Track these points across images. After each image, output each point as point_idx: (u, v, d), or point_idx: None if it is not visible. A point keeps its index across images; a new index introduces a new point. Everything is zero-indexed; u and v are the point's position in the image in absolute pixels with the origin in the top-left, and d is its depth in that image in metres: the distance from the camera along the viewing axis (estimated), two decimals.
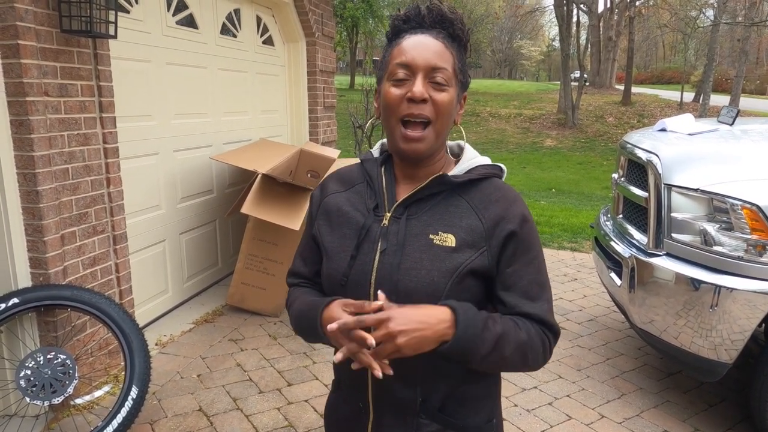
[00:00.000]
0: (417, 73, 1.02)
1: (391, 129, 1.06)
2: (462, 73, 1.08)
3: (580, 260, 5.51)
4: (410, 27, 1.07)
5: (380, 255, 1.05)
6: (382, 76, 1.09)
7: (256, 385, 3.02)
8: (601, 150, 17.03)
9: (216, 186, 4.38)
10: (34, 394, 2.39)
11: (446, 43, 1.05)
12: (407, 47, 1.04)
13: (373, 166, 1.15)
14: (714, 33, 18.37)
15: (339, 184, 1.19)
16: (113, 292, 3.05)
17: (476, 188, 1.09)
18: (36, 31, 2.46)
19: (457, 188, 1.08)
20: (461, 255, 1.03)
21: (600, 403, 2.94)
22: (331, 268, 1.10)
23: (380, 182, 1.12)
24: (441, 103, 1.03)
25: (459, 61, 1.07)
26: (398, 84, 1.04)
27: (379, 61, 1.13)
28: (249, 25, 4.75)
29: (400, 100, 1.03)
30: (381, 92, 1.08)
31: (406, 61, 1.03)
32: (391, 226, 1.07)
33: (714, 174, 2.57)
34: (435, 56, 1.02)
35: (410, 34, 1.05)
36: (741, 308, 2.38)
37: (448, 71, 1.03)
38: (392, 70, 1.04)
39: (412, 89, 1.01)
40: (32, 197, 2.52)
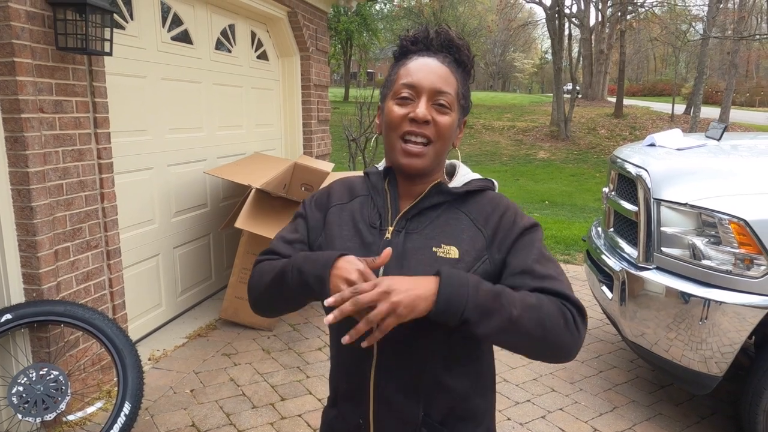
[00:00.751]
0: (422, 94, 1.05)
1: (391, 144, 1.09)
2: (464, 98, 1.11)
3: (573, 272, 5.54)
4: (418, 49, 1.10)
5: (383, 269, 1.06)
6: (386, 93, 1.11)
7: (249, 400, 3.02)
8: (593, 162, 17.15)
9: (210, 200, 4.39)
10: (26, 411, 2.38)
11: (452, 68, 1.08)
12: (413, 69, 1.07)
13: (378, 179, 1.17)
14: (704, 46, 18.60)
15: (344, 194, 1.20)
16: (106, 307, 3.05)
17: (473, 201, 1.12)
18: (32, 48, 2.48)
19: (456, 201, 1.11)
20: (465, 265, 1.04)
21: (593, 416, 2.95)
22: None
23: (384, 196, 1.14)
24: (443, 125, 1.06)
25: (462, 86, 1.10)
26: (402, 103, 1.07)
27: (385, 78, 1.16)
28: (243, 40, 4.79)
29: (402, 119, 1.06)
30: (384, 109, 1.11)
31: (411, 82, 1.06)
32: (392, 240, 1.09)
33: (702, 189, 2.61)
34: (440, 80, 1.06)
35: (417, 56, 1.09)
36: (730, 321, 2.40)
37: (451, 95, 1.06)
38: (397, 90, 1.07)
39: (415, 110, 1.05)
40: (26, 213, 2.53)
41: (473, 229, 1.08)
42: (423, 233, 1.08)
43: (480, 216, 1.09)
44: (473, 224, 1.09)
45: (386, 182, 1.15)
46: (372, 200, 1.16)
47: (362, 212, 1.15)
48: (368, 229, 1.12)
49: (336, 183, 1.24)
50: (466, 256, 1.05)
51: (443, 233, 1.08)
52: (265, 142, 5.22)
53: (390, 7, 31.91)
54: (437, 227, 1.09)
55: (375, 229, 1.12)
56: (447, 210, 1.11)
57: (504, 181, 14.33)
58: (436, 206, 1.11)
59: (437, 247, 1.06)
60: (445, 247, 1.06)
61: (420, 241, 1.08)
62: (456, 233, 1.08)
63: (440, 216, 1.10)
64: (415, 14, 31.45)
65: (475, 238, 1.07)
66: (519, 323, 0.94)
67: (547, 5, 21.31)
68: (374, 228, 1.12)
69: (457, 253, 1.05)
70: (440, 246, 1.06)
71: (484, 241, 1.07)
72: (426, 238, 1.08)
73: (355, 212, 1.15)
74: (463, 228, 1.08)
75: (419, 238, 1.08)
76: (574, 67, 26.23)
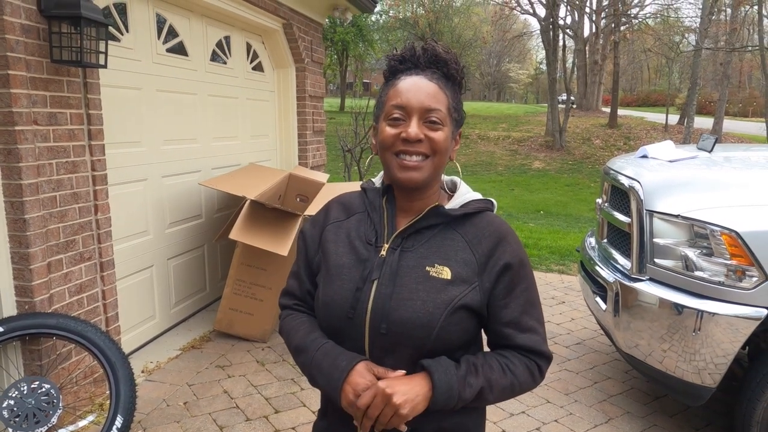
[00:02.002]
0: (412, 114, 1.07)
1: (387, 162, 1.10)
2: (456, 111, 1.12)
3: (567, 283, 5.55)
4: (406, 67, 1.12)
5: (376, 285, 1.08)
6: (379, 114, 1.13)
7: (243, 413, 3.00)
8: (588, 172, 17.22)
9: (204, 211, 4.39)
10: (17, 424, 2.36)
11: (440, 84, 1.09)
12: (402, 89, 1.08)
13: (375, 196, 1.18)
14: (696, 57, 18.77)
15: (341, 212, 1.22)
16: (99, 319, 3.03)
17: (470, 223, 1.13)
18: (26, 61, 2.49)
19: (453, 222, 1.13)
20: (456, 288, 1.07)
21: (587, 427, 2.95)
22: (329, 296, 1.12)
23: (381, 213, 1.15)
24: (436, 141, 1.07)
25: (453, 100, 1.11)
26: (394, 124, 1.08)
27: (377, 100, 1.18)
28: (239, 52, 4.81)
29: (395, 139, 1.08)
30: (378, 130, 1.12)
31: (401, 103, 1.07)
32: (387, 257, 1.10)
33: (694, 200, 2.62)
34: (429, 98, 1.07)
35: (406, 75, 1.10)
36: (723, 332, 2.41)
37: (442, 111, 1.08)
38: (388, 111, 1.09)
39: (407, 130, 1.06)
40: (19, 225, 2.52)
41: (467, 251, 1.10)
42: (418, 252, 1.10)
43: (475, 239, 1.11)
44: (468, 246, 1.11)
45: (384, 200, 1.16)
46: (369, 217, 1.17)
47: (359, 229, 1.17)
48: (364, 245, 1.14)
49: (333, 201, 1.26)
50: (457, 279, 1.08)
51: (437, 253, 1.10)
52: (261, 153, 5.23)
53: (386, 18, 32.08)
54: (432, 247, 1.11)
55: (371, 245, 1.13)
56: (443, 230, 1.12)
57: (499, 191, 14.37)
58: (432, 226, 1.12)
59: (431, 266, 1.08)
60: (438, 267, 1.08)
61: (414, 259, 1.10)
62: (450, 254, 1.10)
63: (436, 236, 1.12)
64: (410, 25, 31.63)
65: (468, 262, 1.09)
66: (493, 401, 1.10)
67: (542, 17, 21.49)
68: (370, 245, 1.13)
69: (450, 274, 1.08)
70: (434, 265, 1.08)
71: (475, 266, 1.09)
72: (420, 257, 1.10)
73: (352, 229, 1.17)
74: (458, 249, 1.10)
75: (414, 256, 1.10)
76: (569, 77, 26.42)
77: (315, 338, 1.14)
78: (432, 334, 1.04)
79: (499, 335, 1.12)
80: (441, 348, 1.07)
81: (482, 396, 1.06)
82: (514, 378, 1.09)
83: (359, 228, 1.17)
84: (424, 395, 1.03)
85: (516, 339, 1.10)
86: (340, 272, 1.13)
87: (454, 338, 1.07)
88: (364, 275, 1.10)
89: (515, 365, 1.10)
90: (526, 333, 1.11)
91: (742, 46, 19.92)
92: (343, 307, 1.10)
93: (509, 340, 1.11)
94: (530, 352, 1.11)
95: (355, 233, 1.16)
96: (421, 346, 1.06)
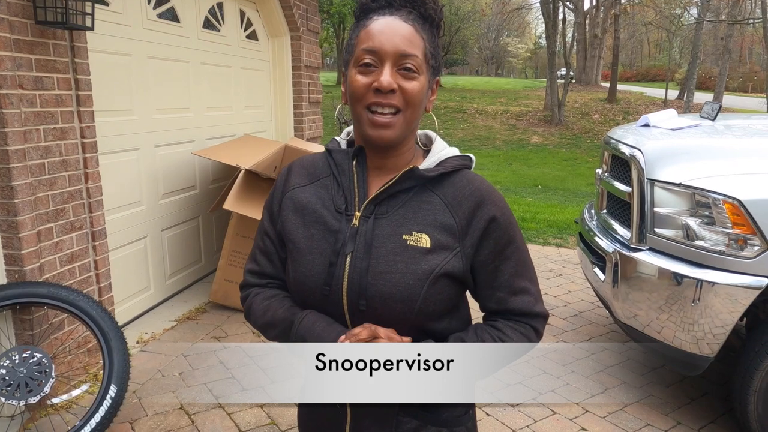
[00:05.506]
0: (385, 60, 0.96)
1: (357, 115, 1.00)
2: (434, 57, 1.02)
3: (565, 256, 5.53)
4: (378, 6, 1.00)
5: (350, 259, 1.00)
6: (348, 60, 1.02)
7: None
8: (586, 147, 17.14)
9: (199, 182, 4.32)
10: (9, 393, 2.33)
11: (416, 26, 0.98)
12: (374, 31, 0.97)
13: (344, 158, 1.07)
14: (698, 31, 18.54)
15: (303, 177, 1.11)
16: (92, 289, 2.99)
17: (449, 182, 1.04)
18: (9, 22, 2.40)
19: (429, 182, 1.04)
20: (436, 256, 0.99)
21: (584, 397, 2.95)
22: (301, 273, 1.04)
23: (351, 177, 1.05)
24: (411, 92, 0.97)
25: (430, 44, 1.00)
26: (365, 71, 0.97)
27: (346, 42, 1.06)
28: (232, 20, 4.70)
29: (366, 89, 0.96)
30: (347, 77, 1.01)
31: (373, 47, 0.96)
32: (360, 227, 1.02)
33: (696, 169, 2.57)
34: (404, 42, 0.96)
35: (378, 15, 0.99)
36: (722, 302, 2.39)
37: (418, 58, 0.97)
38: (359, 56, 0.98)
39: (379, 79, 0.95)
40: (6, 193, 2.46)
41: (446, 214, 1.01)
42: (393, 218, 1.01)
43: (454, 200, 1.02)
44: (447, 208, 1.02)
45: (354, 162, 1.06)
46: (337, 182, 1.06)
47: (325, 195, 1.07)
48: (333, 214, 1.04)
49: (294, 164, 1.14)
50: (437, 246, 1.00)
51: (414, 219, 1.01)
52: (256, 123, 5.15)
53: None
54: (408, 212, 1.01)
55: (341, 214, 1.04)
56: (420, 192, 1.03)
57: (497, 165, 14.31)
58: (407, 189, 1.03)
59: (408, 234, 1.00)
60: (416, 235, 1.00)
61: (390, 227, 1.01)
62: (428, 219, 1.01)
63: (412, 199, 1.02)
64: None
65: (448, 226, 1.01)
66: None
67: None
68: (340, 213, 1.04)
69: (429, 242, 0.99)
70: (411, 233, 1.00)
71: (456, 230, 1.01)
72: (396, 225, 1.01)
73: (318, 196, 1.07)
74: (436, 213, 1.01)
75: (389, 224, 1.01)
76: (568, 51, 26.11)
77: (291, 309, 1.07)
78: (414, 308, 0.97)
79: (491, 300, 1.06)
80: (423, 320, 1.00)
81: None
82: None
83: (325, 194, 1.06)
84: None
85: (508, 303, 1.05)
86: (310, 246, 1.03)
87: (437, 308, 1.01)
88: (336, 248, 1.01)
89: (508, 336, 1.04)
90: (519, 295, 1.05)
91: (744, 19, 19.67)
92: (317, 283, 1.01)
93: (501, 304, 1.05)
94: (523, 315, 1.05)
95: (320, 201, 1.06)
96: (403, 320, 0.99)
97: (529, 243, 5.93)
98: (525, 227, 6.57)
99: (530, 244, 5.86)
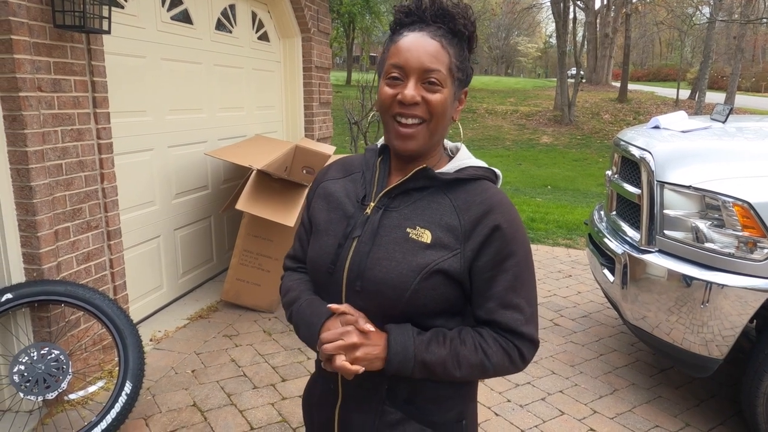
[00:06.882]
0: (410, 75, 1.02)
1: (386, 125, 1.08)
2: (460, 70, 1.07)
3: (574, 257, 5.53)
4: (411, 21, 1.07)
5: (356, 243, 1.08)
6: (380, 72, 1.10)
7: (250, 381, 3.03)
8: (596, 147, 17.06)
9: (211, 182, 4.37)
10: (27, 389, 2.39)
11: (443, 42, 1.03)
12: (402, 47, 1.04)
13: (372, 155, 1.18)
14: (710, 30, 18.39)
15: (339, 171, 1.22)
16: (107, 287, 3.05)
17: (463, 189, 1.08)
18: (29, 26, 2.45)
19: (444, 186, 1.09)
20: (434, 253, 1.03)
21: (592, 398, 2.96)
22: (315, 251, 1.14)
23: (373, 172, 1.14)
24: (434, 103, 1.03)
25: (456, 58, 1.05)
26: (392, 84, 1.04)
27: (380, 54, 1.14)
28: (244, 21, 4.74)
29: (392, 100, 1.04)
30: (379, 88, 1.09)
31: (399, 63, 1.03)
32: (371, 216, 1.09)
33: (706, 171, 2.58)
34: (429, 58, 1.02)
35: (408, 31, 1.05)
36: (732, 304, 2.39)
37: (441, 72, 1.02)
38: (387, 70, 1.05)
39: (403, 92, 1.02)
40: (25, 193, 2.52)
41: (453, 216, 1.05)
42: (401, 212, 1.08)
43: (464, 204, 1.05)
44: (454, 211, 1.05)
45: (380, 159, 1.16)
46: (363, 175, 1.16)
47: (351, 188, 1.17)
48: (352, 203, 1.14)
49: (335, 161, 1.26)
50: (436, 244, 1.03)
51: (421, 216, 1.06)
52: (267, 124, 5.19)
53: None
54: (417, 209, 1.08)
55: (358, 203, 1.13)
56: (433, 193, 1.08)
57: (506, 165, 14.28)
58: (422, 188, 1.09)
59: (411, 228, 1.06)
60: (419, 230, 1.05)
61: (396, 219, 1.07)
62: (434, 218, 1.06)
63: (424, 198, 1.08)
64: None
65: (452, 228, 1.04)
66: (460, 377, 1.05)
67: None
68: (358, 202, 1.13)
69: (429, 238, 1.04)
70: (415, 228, 1.05)
71: (459, 233, 1.04)
72: (403, 218, 1.07)
73: (345, 187, 1.17)
74: (443, 214, 1.06)
75: (396, 216, 1.08)
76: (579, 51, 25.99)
77: (304, 292, 1.17)
78: (404, 297, 1.02)
79: (480, 308, 1.06)
80: (414, 312, 1.04)
81: (446, 368, 1.02)
82: (485, 358, 1.03)
83: (351, 187, 1.17)
84: (378, 354, 1.02)
85: (495, 314, 1.04)
86: (327, 228, 1.14)
87: (429, 304, 1.03)
88: (346, 232, 1.10)
89: (489, 345, 1.04)
90: (508, 310, 1.04)
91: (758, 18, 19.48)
92: (325, 262, 1.10)
93: (488, 314, 1.05)
94: (508, 331, 1.04)
95: (345, 192, 1.16)
96: (393, 307, 1.03)
97: (539, 243, 5.93)
98: (534, 228, 6.57)
99: (539, 245, 5.87)
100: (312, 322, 1.09)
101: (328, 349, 1.01)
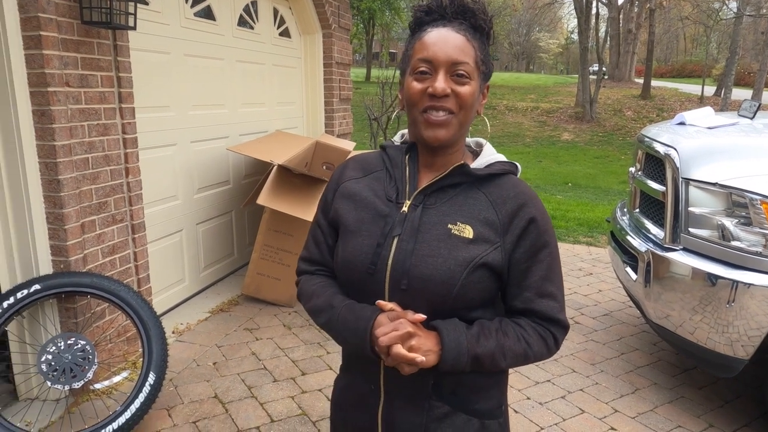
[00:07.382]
0: (439, 68, 1.04)
1: (413, 119, 1.09)
2: (484, 63, 1.09)
3: (595, 255, 5.48)
4: (432, 19, 1.08)
5: (397, 241, 1.07)
6: (405, 69, 1.11)
7: (270, 374, 3.06)
8: (618, 144, 16.84)
9: (232, 177, 4.42)
10: (54, 378, 2.44)
11: (468, 36, 1.06)
12: (429, 42, 1.05)
13: (397, 153, 1.16)
14: (737, 25, 18.01)
15: (357, 171, 1.20)
16: (131, 280, 3.10)
17: (494, 183, 1.11)
18: (57, 22, 2.50)
19: (477, 182, 1.11)
20: (477, 247, 1.05)
21: (613, 397, 2.93)
22: (349, 252, 1.11)
23: (403, 170, 1.14)
24: (463, 95, 1.05)
25: (481, 52, 1.08)
26: (420, 78, 1.06)
27: (402, 53, 1.14)
28: (266, 17, 4.77)
29: (421, 94, 1.05)
30: (404, 85, 1.10)
31: (427, 57, 1.04)
32: (409, 214, 1.09)
33: (733, 168, 2.53)
34: (456, 51, 1.04)
35: (432, 27, 1.07)
36: (759, 304, 2.35)
37: (469, 65, 1.05)
38: (414, 65, 1.06)
39: (434, 84, 1.03)
40: (53, 186, 2.57)
41: (490, 211, 1.08)
42: (440, 209, 1.09)
43: (499, 199, 1.09)
44: (491, 206, 1.08)
45: (407, 157, 1.15)
46: (389, 174, 1.15)
47: (377, 186, 1.15)
48: (384, 202, 1.13)
49: (350, 160, 1.25)
50: (479, 238, 1.06)
51: (460, 211, 1.08)
52: (287, 120, 5.22)
53: None
54: (455, 205, 1.09)
55: (392, 202, 1.12)
56: (467, 189, 1.10)
57: (527, 162, 14.17)
58: (456, 185, 1.11)
59: (453, 224, 1.07)
60: (460, 225, 1.07)
61: (436, 216, 1.08)
62: (473, 213, 1.08)
63: (459, 194, 1.10)
64: None
65: (491, 222, 1.07)
66: (506, 366, 1.09)
67: None
68: (391, 201, 1.12)
69: (471, 233, 1.06)
70: (456, 223, 1.07)
71: (498, 226, 1.07)
72: (442, 215, 1.08)
73: (371, 186, 1.16)
74: (481, 209, 1.08)
75: (436, 213, 1.08)
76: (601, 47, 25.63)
77: (337, 296, 1.14)
78: (452, 292, 1.03)
79: (517, 298, 1.10)
80: (460, 306, 1.06)
81: (494, 360, 1.05)
82: (527, 347, 1.08)
83: (378, 185, 1.15)
84: (432, 348, 1.02)
85: (533, 303, 1.09)
86: (360, 228, 1.12)
87: (474, 297, 1.06)
88: (385, 231, 1.09)
89: (529, 334, 1.08)
90: (545, 299, 1.09)
91: None
92: (364, 262, 1.09)
93: (526, 303, 1.09)
94: (546, 319, 1.10)
95: (372, 191, 1.15)
96: (441, 303, 1.05)
97: (560, 241, 5.88)
98: (555, 225, 6.52)
99: (560, 243, 5.82)
100: (359, 326, 1.06)
101: (384, 341, 1.00)
